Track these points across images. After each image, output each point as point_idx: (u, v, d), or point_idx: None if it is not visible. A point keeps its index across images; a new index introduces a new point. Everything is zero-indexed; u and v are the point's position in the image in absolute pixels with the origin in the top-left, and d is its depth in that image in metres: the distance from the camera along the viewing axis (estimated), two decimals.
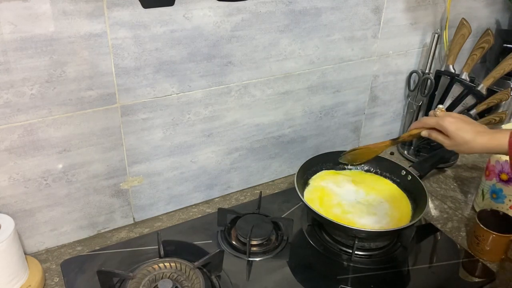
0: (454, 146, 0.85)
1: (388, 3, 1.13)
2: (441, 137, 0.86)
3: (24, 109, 0.81)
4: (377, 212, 1.00)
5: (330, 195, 1.05)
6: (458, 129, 0.83)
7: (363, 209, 1.01)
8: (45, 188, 0.89)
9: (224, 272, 0.90)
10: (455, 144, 0.84)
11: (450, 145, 0.85)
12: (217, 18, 0.91)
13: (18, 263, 0.83)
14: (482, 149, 0.82)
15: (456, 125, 0.84)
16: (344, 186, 1.08)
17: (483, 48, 1.21)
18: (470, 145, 0.82)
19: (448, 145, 0.86)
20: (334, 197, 1.04)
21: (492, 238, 0.94)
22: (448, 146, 0.86)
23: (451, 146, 0.85)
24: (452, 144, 0.85)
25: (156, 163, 1.00)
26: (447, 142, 0.86)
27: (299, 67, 1.08)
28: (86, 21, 0.79)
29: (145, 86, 0.90)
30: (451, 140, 0.85)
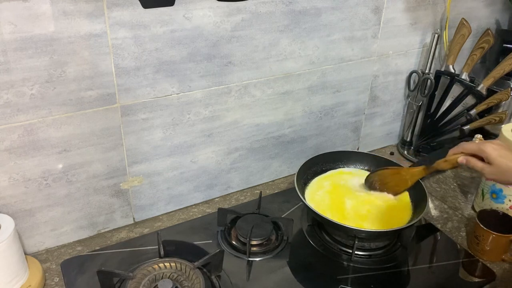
0: (495, 175, 0.79)
1: (388, 3, 1.13)
2: (481, 164, 0.80)
3: (24, 109, 0.81)
4: (378, 212, 1.00)
5: (331, 195, 1.05)
6: (501, 156, 0.77)
7: (363, 209, 1.01)
8: (45, 188, 0.89)
9: (224, 272, 0.90)
10: (496, 172, 0.78)
11: (490, 173, 0.79)
12: (217, 18, 0.91)
13: (18, 263, 0.83)
14: None
15: (499, 152, 0.78)
16: (345, 186, 1.08)
17: (483, 48, 1.21)
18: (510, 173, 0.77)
19: (488, 172, 0.79)
20: (334, 197, 1.04)
21: (492, 238, 0.94)
22: (488, 174, 0.80)
23: (492, 174, 0.79)
24: (493, 172, 0.79)
25: (156, 163, 1.00)
26: (488, 170, 0.79)
27: (299, 67, 1.08)
28: (86, 21, 0.79)
29: (145, 86, 0.90)
30: (492, 167, 0.78)
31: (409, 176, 1.00)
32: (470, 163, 0.83)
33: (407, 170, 1.02)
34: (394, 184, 1.03)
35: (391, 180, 1.03)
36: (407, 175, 1.01)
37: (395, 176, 1.02)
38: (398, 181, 1.02)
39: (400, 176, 1.02)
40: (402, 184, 1.02)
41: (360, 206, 1.02)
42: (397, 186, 1.02)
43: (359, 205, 1.03)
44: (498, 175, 0.79)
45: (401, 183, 1.02)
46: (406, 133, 1.38)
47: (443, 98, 1.27)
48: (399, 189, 1.02)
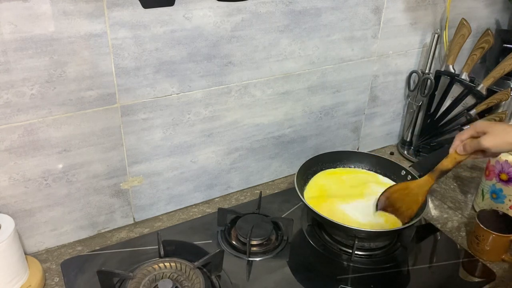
0: (494, 140, 0.80)
1: (388, 3, 1.13)
2: (478, 139, 0.83)
3: (24, 109, 0.81)
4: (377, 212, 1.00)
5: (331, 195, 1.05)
6: (494, 123, 0.83)
7: (364, 209, 1.01)
8: (45, 188, 0.89)
9: (224, 272, 0.90)
10: (495, 136, 0.80)
11: (489, 140, 0.80)
12: (217, 18, 0.91)
13: (18, 263, 0.83)
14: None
15: (490, 123, 0.84)
16: (345, 186, 1.08)
17: (483, 48, 1.21)
18: (506, 132, 0.79)
19: (488, 140, 0.81)
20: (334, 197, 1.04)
21: (492, 238, 0.94)
22: (488, 141, 0.81)
23: (491, 140, 0.80)
24: (491, 139, 0.80)
25: (156, 163, 1.00)
26: (486, 138, 0.81)
27: (299, 67, 1.08)
28: (86, 21, 0.79)
29: (145, 86, 0.90)
30: (489, 134, 0.81)
31: (418, 189, 0.96)
32: (467, 146, 0.85)
33: (414, 183, 0.98)
34: (406, 207, 0.97)
35: (402, 203, 0.97)
36: (416, 189, 0.96)
37: (405, 197, 0.97)
38: (409, 202, 0.97)
39: (410, 193, 0.97)
40: (414, 203, 0.96)
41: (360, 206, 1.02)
42: (410, 208, 0.96)
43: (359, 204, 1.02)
44: (496, 138, 0.80)
45: (413, 203, 0.96)
46: (406, 133, 1.38)
47: (443, 98, 1.27)
48: (412, 211, 0.96)
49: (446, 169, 0.92)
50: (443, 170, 0.92)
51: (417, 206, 0.96)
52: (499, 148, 0.81)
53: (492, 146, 0.81)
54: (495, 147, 0.81)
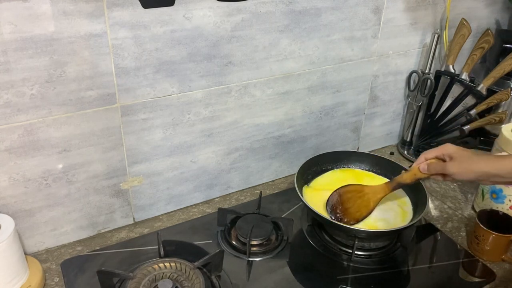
0: (459, 167, 0.80)
1: (388, 3, 1.13)
2: (442, 163, 0.83)
3: (24, 109, 0.81)
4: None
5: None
6: (461, 149, 0.82)
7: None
8: (45, 188, 0.89)
9: (224, 272, 0.90)
10: (459, 163, 0.80)
11: (453, 166, 0.81)
12: (217, 18, 0.91)
13: (18, 263, 0.83)
14: (485, 166, 0.78)
15: (458, 147, 0.83)
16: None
17: (483, 48, 1.21)
18: (472, 160, 0.79)
19: (451, 166, 0.81)
20: None
21: (492, 238, 0.94)
22: (452, 167, 0.81)
23: (455, 166, 0.80)
24: (455, 165, 0.80)
25: (156, 163, 1.00)
26: (451, 164, 0.81)
27: (299, 67, 1.08)
28: (86, 21, 0.79)
29: (145, 86, 0.90)
30: (454, 160, 0.81)
31: (372, 195, 0.97)
32: (431, 167, 0.85)
33: (370, 188, 0.98)
34: (355, 209, 0.97)
35: (353, 204, 0.98)
36: (370, 194, 0.97)
37: (357, 199, 0.98)
38: (360, 205, 0.97)
39: (363, 196, 0.97)
40: (364, 208, 0.97)
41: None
42: (359, 211, 0.97)
43: None
44: (462, 166, 0.80)
45: (363, 206, 0.97)
46: (406, 133, 1.38)
47: (443, 98, 1.27)
48: (361, 215, 0.97)
49: (404, 182, 0.93)
50: (400, 183, 0.94)
51: (367, 211, 0.97)
52: (463, 176, 0.80)
53: (456, 173, 0.80)
54: (459, 174, 0.80)
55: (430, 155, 0.86)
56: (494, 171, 0.76)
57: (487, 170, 0.77)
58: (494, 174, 0.76)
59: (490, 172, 0.77)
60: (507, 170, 0.75)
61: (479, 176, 0.79)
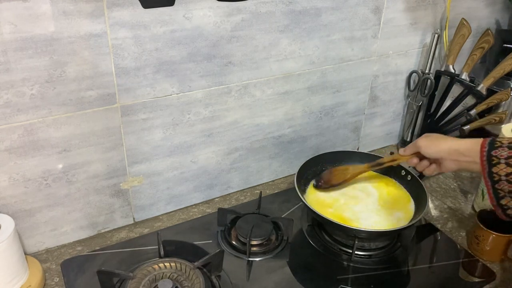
0: (424, 140, 0.88)
1: (388, 3, 1.13)
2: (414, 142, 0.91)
3: (24, 109, 0.81)
4: (377, 212, 1.00)
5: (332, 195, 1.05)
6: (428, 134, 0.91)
7: (363, 209, 1.01)
8: (45, 188, 0.89)
9: (224, 272, 0.90)
10: (425, 138, 0.89)
11: (421, 140, 0.89)
12: (217, 18, 0.91)
13: (18, 263, 0.83)
14: (448, 142, 0.84)
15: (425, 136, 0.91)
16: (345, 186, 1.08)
17: (483, 48, 1.21)
18: (439, 137, 0.87)
19: (420, 141, 0.89)
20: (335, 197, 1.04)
21: (492, 238, 0.94)
22: (420, 141, 0.89)
23: (424, 143, 0.88)
24: (422, 140, 0.89)
25: (156, 163, 1.00)
26: (419, 139, 0.90)
27: (299, 67, 1.08)
28: (86, 21, 0.79)
29: (145, 86, 0.90)
30: (423, 137, 0.89)
31: (352, 170, 1.06)
32: (407, 148, 0.94)
33: (354, 166, 1.08)
34: (335, 178, 1.07)
35: (337, 174, 1.07)
36: (350, 169, 1.06)
37: (341, 171, 1.07)
38: (341, 175, 1.07)
39: (346, 171, 1.07)
40: (342, 177, 1.06)
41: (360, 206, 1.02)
42: (337, 179, 1.06)
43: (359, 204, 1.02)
44: (428, 139, 0.88)
45: (342, 176, 1.06)
46: (406, 133, 1.38)
47: (443, 98, 1.27)
48: (336, 181, 1.06)
49: (381, 161, 1.02)
50: (378, 162, 1.02)
51: (343, 178, 1.05)
52: (428, 148, 0.87)
53: (422, 146, 0.88)
54: (424, 147, 0.88)
55: (407, 150, 0.94)
56: (455, 146, 0.82)
57: (449, 146, 0.83)
58: (454, 150, 0.82)
59: (452, 148, 0.82)
60: (466, 147, 0.80)
61: (442, 150, 0.84)
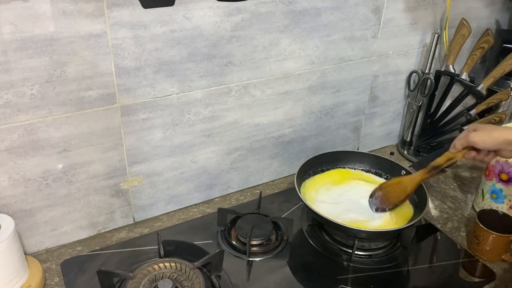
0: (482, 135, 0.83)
1: (388, 3, 1.13)
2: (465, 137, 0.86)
3: (24, 109, 0.81)
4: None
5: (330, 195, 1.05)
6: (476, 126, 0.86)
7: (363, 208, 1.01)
8: (45, 188, 0.89)
9: (224, 272, 0.90)
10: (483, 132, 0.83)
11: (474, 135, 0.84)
12: (217, 18, 0.91)
13: (18, 263, 0.83)
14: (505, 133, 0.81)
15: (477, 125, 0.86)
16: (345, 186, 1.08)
17: (483, 48, 1.21)
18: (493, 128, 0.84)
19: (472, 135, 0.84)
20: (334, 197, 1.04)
21: (492, 238, 0.94)
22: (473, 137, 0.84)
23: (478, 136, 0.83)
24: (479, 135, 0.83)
25: (156, 163, 1.00)
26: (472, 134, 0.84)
27: (299, 67, 1.08)
28: (86, 21, 0.79)
29: (145, 86, 0.90)
30: (475, 131, 0.84)
31: (409, 181, 0.98)
32: (456, 142, 0.88)
33: (408, 177, 1.00)
34: (394, 195, 0.99)
35: (392, 190, 0.99)
36: (407, 181, 0.99)
37: (395, 186, 0.99)
38: (399, 191, 0.99)
39: (401, 185, 0.99)
40: (402, 192, 0.98)
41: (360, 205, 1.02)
42: (397, 197, 0.99)
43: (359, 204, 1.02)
44: (482, 133, 0.83)
45: (401, 191, 0.99)
46: (406, 133, 1.38)
47: (443, 98, 1.27)
48: (398, 199, 0.98)
49: (437, 164, 0.93)
50: (434, 166, 0.94)
51: (404, 194, 0.97)
52: (485, 143, 0.83)
53: (478, 141, 0.83)
54: (481, 142, 0.83)
55: (461, 135, 0.88)
56: (511, 136, 0.79)
57: (506, 137, 0.80)
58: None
59: (508, 138, 0.80)
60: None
61: (500, 142, 0.81)
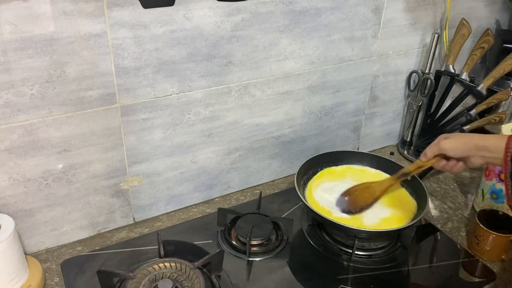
0: (449, 141, 0.84)
1: (388, 3, 1.13)
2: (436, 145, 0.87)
3: (24, 109, 0.81)
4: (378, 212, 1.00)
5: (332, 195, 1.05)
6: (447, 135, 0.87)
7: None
8: (45, 188, 0.89)
9: (224, 272, 0.90)
10: (450, 139, 0.84)
11: (445, 143, 0.85)
12: (217, 18, 0.91)
13: (18, 263, 0.83)
14: (475, 138, 0.82)
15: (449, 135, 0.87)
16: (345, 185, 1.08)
17: (483, 48, 1.21)
18: (464, 135, 0.85)
19: (443, 143, 0.85)
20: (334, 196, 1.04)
21: (492, 238, 0.94)
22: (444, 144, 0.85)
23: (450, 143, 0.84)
24: (446, 142, 0.84)
25: (156, 163, 1.00)
26: (443, 141, 0.85)
27: (299, 67, 1.08)
28: (86, 21, 0.79)
29: (145, 86, 0.90)
30: (447, 138, 0.85)
31: (378, 186, 1.00)
32: (427, 151, 0.88)
33: (377, 182, 1.02)
34: (362, 199, 1.00)
35: (360, 195, 1.01)
36: (376, 186, 1.00)
37: (364, 191, 1.01)
38: (367, 195, 1.00)
39: (370, 189, 1.01)
40: (370, 197, 1.00)
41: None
42: (366, 201, 1.00)
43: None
44: (453, 140, 0.84)
45: (369, 196, 1.00)
46: (406, 133, 1.38)
47: (443, 98, 1.27)
48: (366, 203, 1.00)
49: (407, 171, 0.96)
50: (404, 172, 0.97)
51: (372, 199, 0.99)
52: (456, 149, 0.84)
53: (448, 148, 0.84)
54: (451, 149, 0.84)
55: (430, 153, 0.89)
56: (482, 142, 0.80)
57: (476, 142, 0.81)
58: (482, 146, 0.80)
59: (479, 144, 0.80)
60: (494, 144, 0.78)
61: (469, 148, 0.82)
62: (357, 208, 1.00)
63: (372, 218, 0.99)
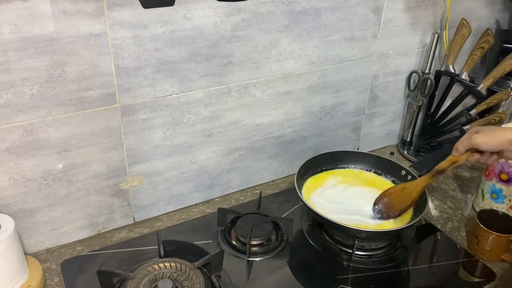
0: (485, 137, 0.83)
1: (388, 3, 1.13)
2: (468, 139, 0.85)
3: (24, 109, 0.81)
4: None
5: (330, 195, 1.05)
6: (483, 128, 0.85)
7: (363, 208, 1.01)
8: (45, 188, 0.89)
9: (224, 272, 0.90)
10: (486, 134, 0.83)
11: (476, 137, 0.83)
12: (217, 18, 0.91)
13: (18, 263, 0.83)
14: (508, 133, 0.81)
15: (480, 127, 0.85)
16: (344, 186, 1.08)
17: (483, 48, 1.21)
18: (496, 129, 0.83)
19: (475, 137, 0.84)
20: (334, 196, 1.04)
21: (492, 238, 0.94)
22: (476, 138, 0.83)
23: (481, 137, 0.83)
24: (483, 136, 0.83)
25: (156, 163, 1.00)
26: (475, 136, 0.84)
27: (299, 67, 1.08)
28: (86, 21, 0.79)
29: (145, 86, 0.90)
30: (478, 132, 0.84)
31: (414, 187, 0.97)
32: (459, 145, 0.87)
33: (412, 182, 1.00)
34: (400, 201, 0.98)
35: (397, 197, 0.98)
36: (412, 187, 0.98)
37: (400, 192, 0.99)
38: (404, 198, 0.98)
39: (406, 191, 0.98)
40: (408, 198, 0.97)
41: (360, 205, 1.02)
42: (404, 203, 0.98)
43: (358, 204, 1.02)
44: (485, 135, 0.83)
45: (407, 197, 0.98)
46: (406, 133, 1.38)
47: (443, 98, 1.27)
48: (404, 205, 0.98)
49: (442, 168, 0.93)
50: (439, 170, 0.94)
51: (410, 200, 0.97)
52: (488, 144, 0.83)
53: (481, 142, 0.83)
54: (484, 143, 0.83)
55: (463, 138, 0.88)
56: None
57: (510, 137, 0.80)
58: None
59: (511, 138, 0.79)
60: None
61: (503, 143, 0.81)
62: (396, 211, 0.97)
63: (372, 217, 0.99)
